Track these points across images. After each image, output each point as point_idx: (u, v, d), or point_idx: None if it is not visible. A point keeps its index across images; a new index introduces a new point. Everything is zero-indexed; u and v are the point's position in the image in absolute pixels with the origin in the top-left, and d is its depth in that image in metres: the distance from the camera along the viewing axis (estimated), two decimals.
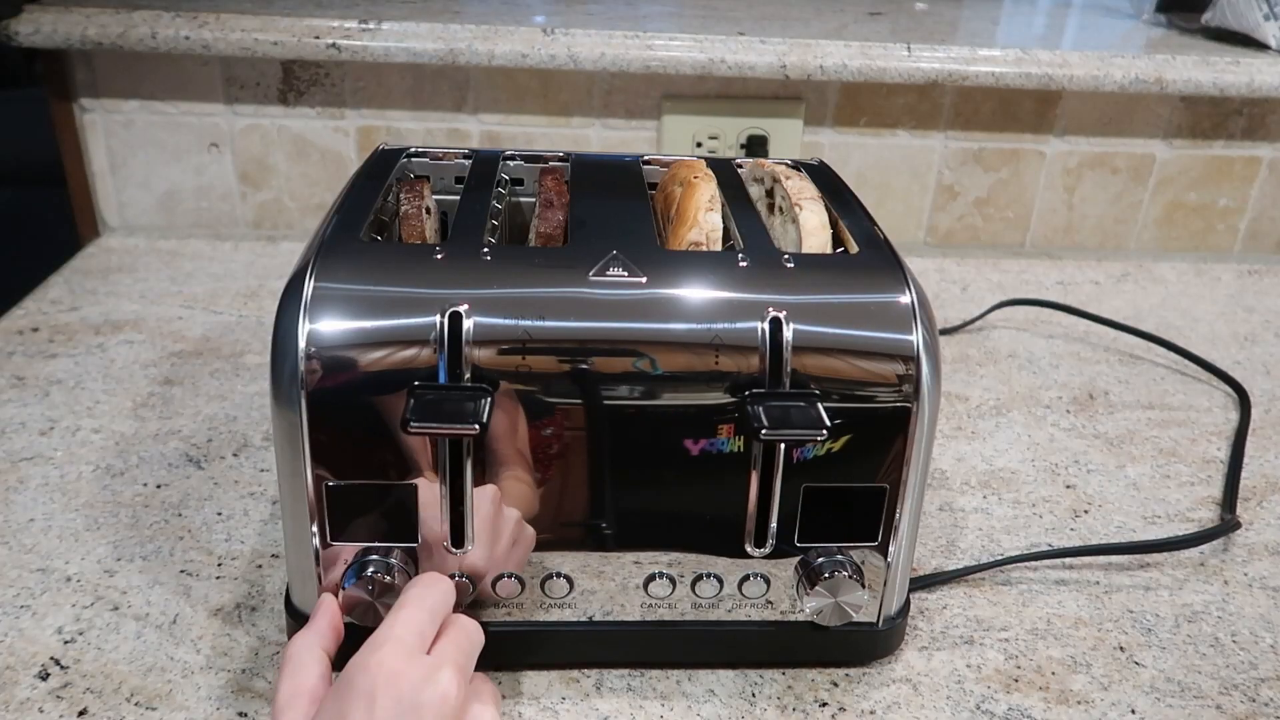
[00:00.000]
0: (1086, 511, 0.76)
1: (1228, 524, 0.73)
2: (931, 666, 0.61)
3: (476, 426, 0.49)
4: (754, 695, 0.58)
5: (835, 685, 0.59)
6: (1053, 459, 0.83)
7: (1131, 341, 1.03)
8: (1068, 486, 0.79)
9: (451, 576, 0.55)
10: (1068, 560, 0.71)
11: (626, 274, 0.54)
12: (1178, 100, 1.16)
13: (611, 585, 0.57)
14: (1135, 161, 1.20)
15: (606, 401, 0.52)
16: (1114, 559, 0.71)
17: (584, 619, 0.58)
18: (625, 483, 0.54)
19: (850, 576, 0.55)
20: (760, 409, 0.51)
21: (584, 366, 0.51)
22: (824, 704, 0.58)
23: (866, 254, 0.59)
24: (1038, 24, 1.33)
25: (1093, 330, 1.05)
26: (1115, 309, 1.10)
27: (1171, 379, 0.97)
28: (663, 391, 0.52)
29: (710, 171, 0.67)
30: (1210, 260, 1.26)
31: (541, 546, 0.55)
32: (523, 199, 0.73)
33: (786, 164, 0.73)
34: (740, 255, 0.56)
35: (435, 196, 0.70)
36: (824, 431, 0.50)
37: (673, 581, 0.56)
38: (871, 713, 0.57)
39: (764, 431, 0.50)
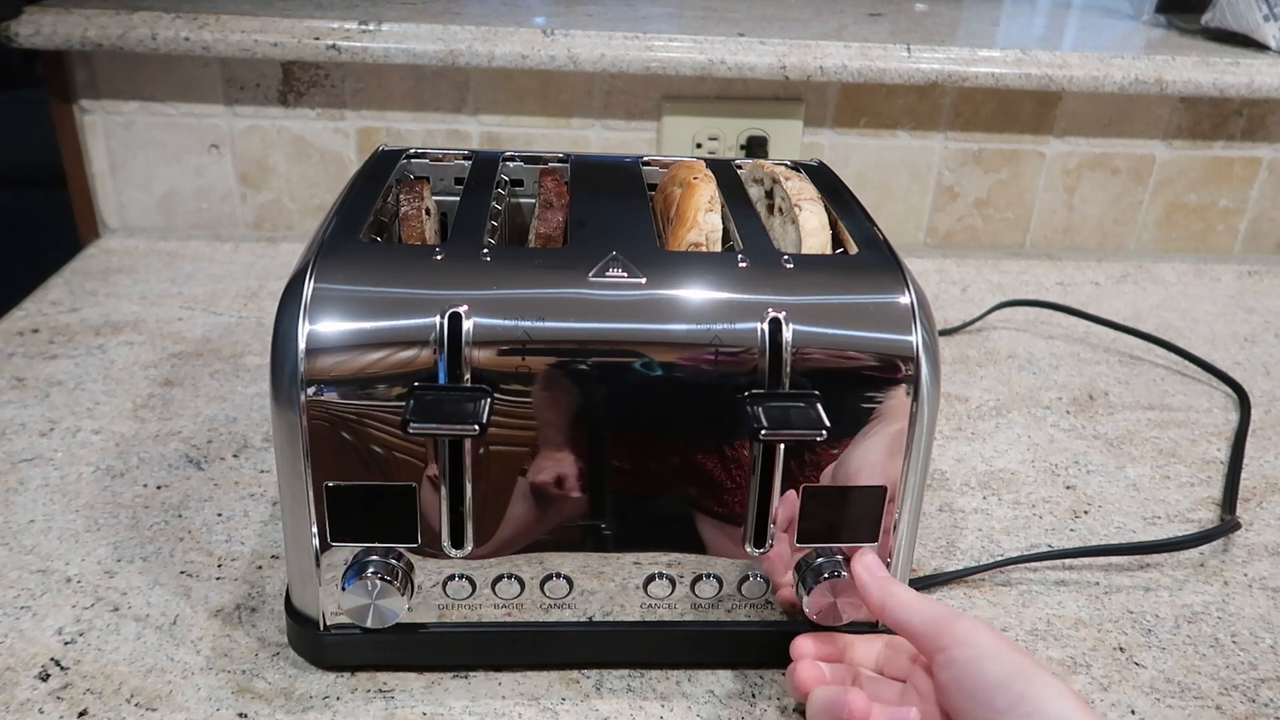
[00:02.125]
0: (1086, 512, 0.76)
1: (1228, 525, 0.73)
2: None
3: (476, 427, 0.49)
4: (754, 696, 0.58)
5: None
6: (1052, 460, 0.83)
7: (1131, 342, 1.03)
8: (1068, 487, 0.79)
9: (452, 578, 0.55)
10: (1068, 561, 0.71)
11: (626, 275, 0.54)
12: (1177, 101, 1.16)
13: (611, 585, 0.57)
14: (1135, 162, 1.20)
15: (606, 402, 0.52)
16: (1114, 560, 0.71)
17: (584, 619, 0.58)
18: (625, 483, 0.54)
19: (849, 576, 0.55)
20: (760, 409, 0.51)
21: (584, 367, 0.51)
22: None
23: (866, 255, 0.59)
24: (1037, 25, 1.33)
25: (1093, 331, 1.05)
26: (1115, 309, 1.10)
27: (1171, 380, 0.97)
28: (663, 392, 0.52)
29: (709, 172, 0.67)
30: (1210, 261, 1.26)
31: (542, 547, 0.55)
32: (522, 200, 0.73)
33: (786, 165, 0.73)
34: (740, 256, 0.56)
35: (435, 197, 0.70)
36: (823, 432, 0.51)
37: (672, 582, 0.57)
38: None
39: (764, 432, 0.50)
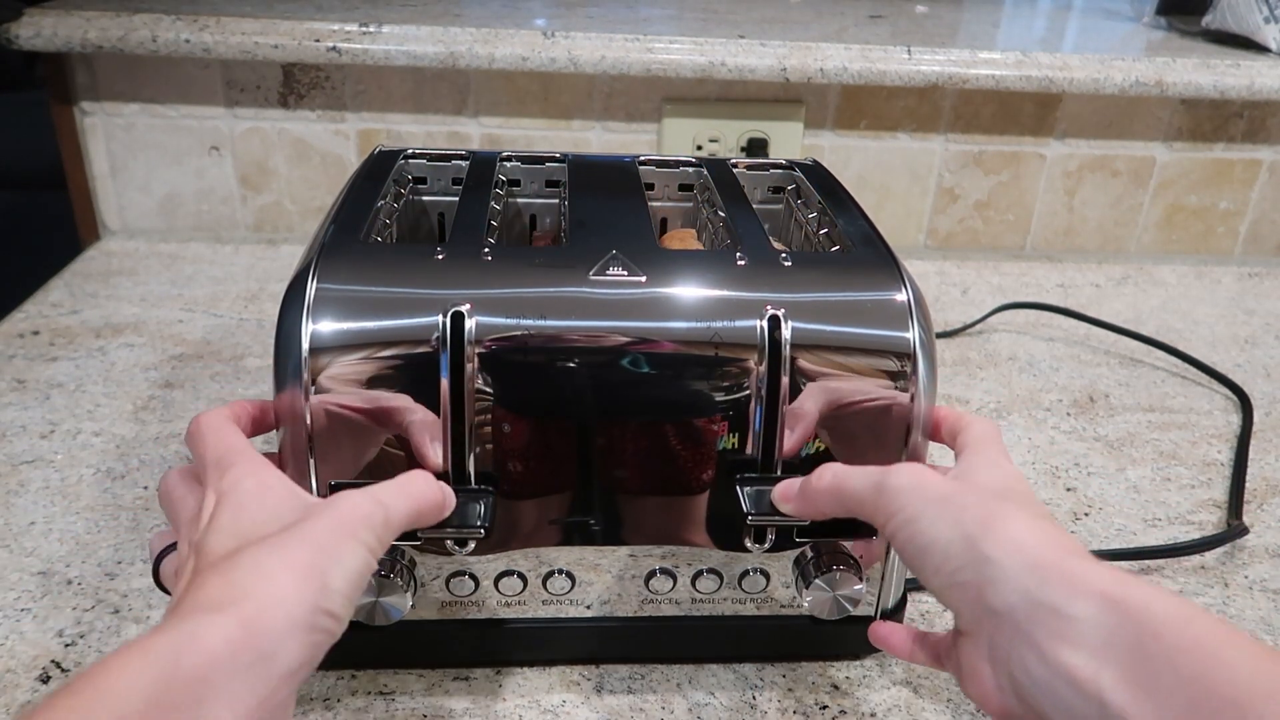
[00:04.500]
0: (1087, 514, 0.76)
1: (1236, 530, 0.73)
2: (932, 669, 0.61)
3: (482, 531, 0.50)
4: (754, 698, 0.58)
5: (836, 688, 0.59)
6: (1053, 462, 0.83)
7: (1132, 344, 1.03)
8: (1068, 489, 0.79)
9: (455, 575, 0.55)
10: None
11: (626, 273, 0.54)
12: (1178, 103, 1.16)
13: (613, 581, 0.57)
14: (1135, 164, 1.20)
15: (608, 399, 0.52)
16: (1115, 562, 0.71)
17: (585, 615, 0.58)
18: (626, 479, 0.54)
19: (848, 571, 0.55)
20: (749, 493, 0.53)
21: (586, 365, 0.52)
22: (824, 706, 0.58)
23: (863, 253, 0.59)
24: (1038, 27, 1.33)
25: (1093, 333, 1.05)
26: (1115, 312, 1.10)
27: (1172, 382, 0.97)
28: (664, 389, 0.52)
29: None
30: (1210, 263, 1.26)
31: (543, 543, 0.55)
32: (520, 199, 0.73)
33: (782, 164, 0.73)
34: (739, 254, 0.56)
35: (433, 197, 0.70)
36: (808, 521, 0.52)
37: (673, 577, 0.57)
38: (872, 715, 0.57)
39: (750, 518, 0.52)
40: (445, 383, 0.51)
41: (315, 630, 0.38)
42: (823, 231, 0.66)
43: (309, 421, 0.51)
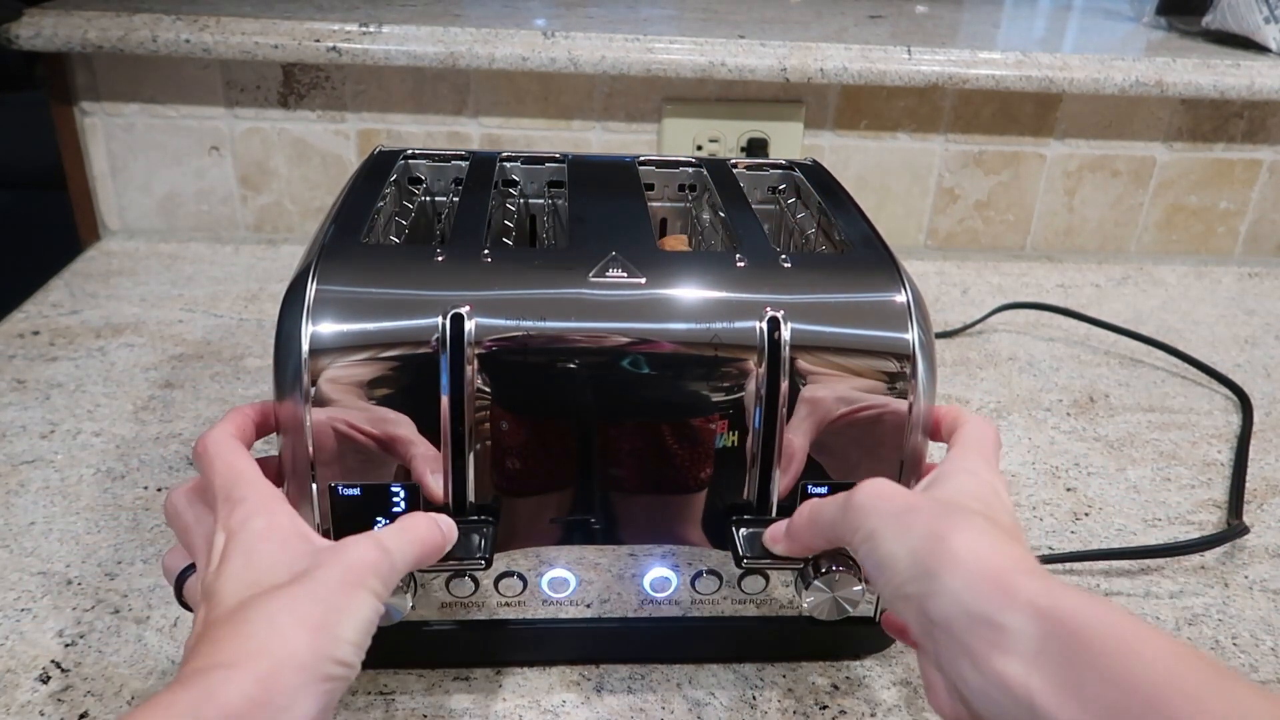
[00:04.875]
0: (1087, 514, 0.76)
1: (1236, 529, 0.73)
2: None
3: (483, 563, 0.51)
4: (755, 698, 0.58)
5: (836, 688, 0.59)
6: (1053, 462, 0.83)
7: (1132, 344, 1.03)
8: (1068, 489, 0.79)
9: (455, 576, 0.55)
10: (1070, 564, 0.70)
11: (626, 275, 0.54)
12: (1178, 103, 1.16)
13: (613, 581, 0.57)
14: (1135, 164, 1.20)
15: (608, 400, 0.52)
16: (1115, 562, 0.71)
17: (585, 615, 0.58)
18: (626, 480, 0.54)
19: (847, 571, 0.55)
20: (743, 534, 0.53)
21: (585, 366, 0.52)
22: (824, 707, 0.58)
23: (862, 254, 0.59)
24: (1038, 27, 1.33)
25: (1093, 333, 1.05)
26: (1115, 312, 1.10)
27: (1172, 382, 0.97)
28: (663, 390, 0.52)
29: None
30: (1210, 263, 1.26)
31: (543, 542, 0.55)
32: (519, 199, 0.73)
33: (782, 164, 0.73)
34: (738, 255, 0.56)
35: (433, 198, 0.70)
36: (803, 563, 0.52)
37: (673, 578, 0.57)
38: (872, 715, 0.57)
39: (745, 560, 0.53)
40: (445, 383, 0.51)
41: (329, 680, 0.40)
42: (821, 232, 0.66)
43: (309, 425, 0.51)
